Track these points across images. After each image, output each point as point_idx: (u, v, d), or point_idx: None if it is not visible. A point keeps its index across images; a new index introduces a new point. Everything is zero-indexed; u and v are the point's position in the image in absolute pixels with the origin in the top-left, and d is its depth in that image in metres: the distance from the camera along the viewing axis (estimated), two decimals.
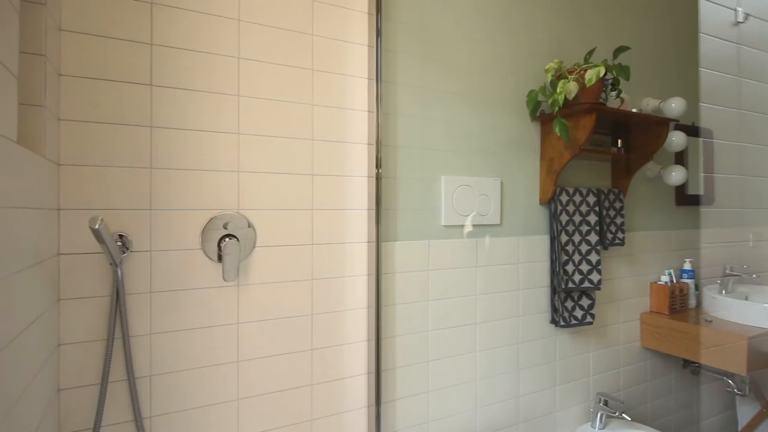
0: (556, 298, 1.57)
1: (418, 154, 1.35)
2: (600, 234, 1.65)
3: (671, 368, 2.00)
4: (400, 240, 1.30)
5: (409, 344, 1.31)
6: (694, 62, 2.05)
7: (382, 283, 1.26)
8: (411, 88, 1.33)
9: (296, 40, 1.17)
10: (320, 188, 1.19)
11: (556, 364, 1.63)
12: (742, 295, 2.07)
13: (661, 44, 1.95)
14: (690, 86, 2.04)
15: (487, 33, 1.47)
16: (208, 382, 1.06)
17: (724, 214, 2.20)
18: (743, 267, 2.28)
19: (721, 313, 1.83)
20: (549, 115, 1.52)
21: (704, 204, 2.12)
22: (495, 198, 1.49)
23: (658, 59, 1.94)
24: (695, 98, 2.06)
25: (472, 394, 1.43)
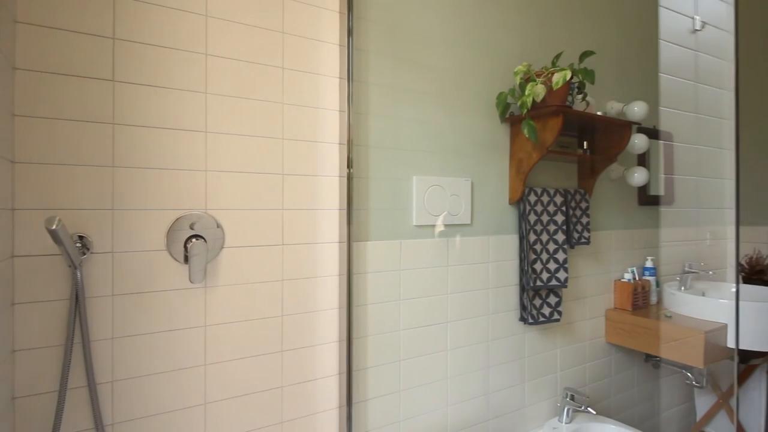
0: (525, 296, 1.61)
1: (389, 154, 1.35)
2: (567, 233, 1.70)
3: (634, 362, 2.08)
4: (372, 240, 1.31)
5: (380, 344, 1.32)
6: (655, 68, 2.14)
7: (354, 284, 1.26)
8: (382, 87, 1.34)
9: (266, 37, 1.15)
10: (291, 188, 1.18)
11: (525, 360, 1.66)
12: (700, 291, 2.17)
13: (624, 50, 2.02)
14: (651, 91, 2.13)
15: (457, 35, 1.49)
16: (174, 386, 1.03)
17: (683, 214, 2.30)
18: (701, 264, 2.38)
19: (680, 309, 1.91)
20: (518, 116, 1.55)
21: (664, 204, 2.21)
22: (466, 198, 1.51)
23: (621, 64, 2.01)
24: (655, 102, 2.15)
25: (443, 393, 1.45)
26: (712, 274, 2.21)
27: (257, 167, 1.14)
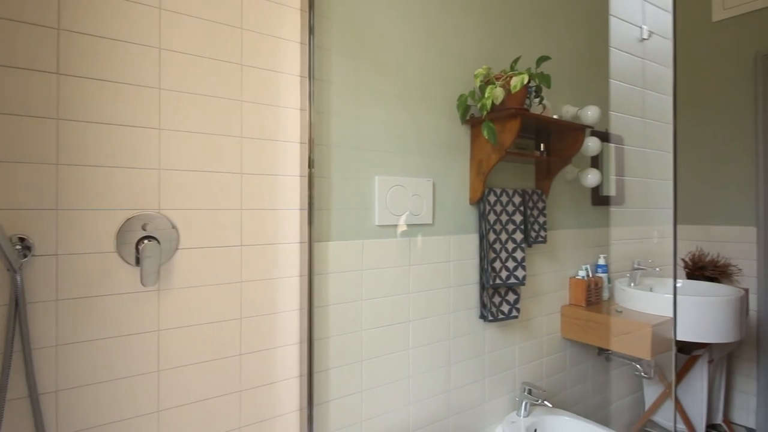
0: (485, 294, 1.64)
1: (351, 153, 1.35)
2: (525, 232, 1.75)
3: (588, 356, 2.17)
4: (334, 240, 1.30)
5: (342, 344, 1.31)
6: (606, 74, 2.24)
7: (315, 284, 1.24)
8: (344, 87, 1.33)
9: (224, 32, 1.12)
10: (250, 187, 1.16)
11: (485, 357, 1.70)
12: (648, 287, 2.29)
13: (578, 56, 2.10)
14: (602, 96, 2.22)
15: (420, 36, 1.51)
16: (124, 394, 0.99)
17: (633, 214, 2.42)
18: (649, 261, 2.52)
19: (629, 304, 2.01)
20: (478, 118, 1.58)
21: (616, 204, 2.31)
22: (427, 198, 1.52)
23: (575, 70, 2.09)
24: (606, 107, 2.25)
25: (405, 391, 1.46)
26: (658, 271, 2.34)
27: (215, 166, 1.11)
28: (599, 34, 2.20)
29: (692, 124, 2.73)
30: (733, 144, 2.56)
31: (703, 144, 2.69)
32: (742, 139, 2.53)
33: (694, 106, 2.72)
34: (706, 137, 2.67)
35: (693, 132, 2.73)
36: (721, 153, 2.61)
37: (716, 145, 2.63)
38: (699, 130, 2.70)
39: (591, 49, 2.16)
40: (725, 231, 2.60)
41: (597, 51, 2.19)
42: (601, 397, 2.24)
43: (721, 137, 2.61)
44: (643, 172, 2.49)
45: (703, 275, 2.50)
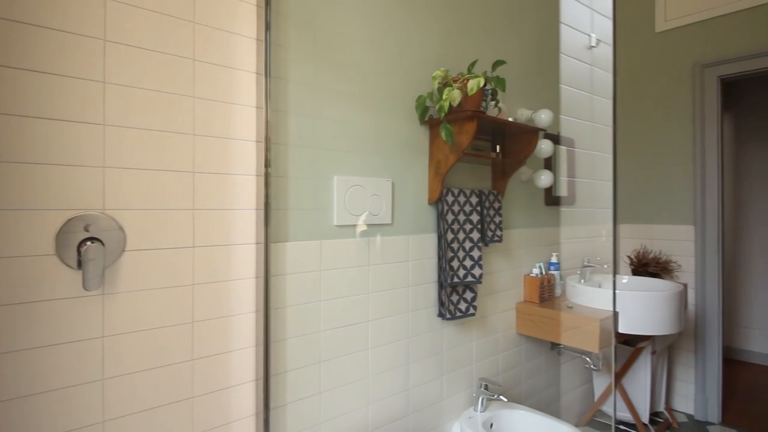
0: (443, 292, 1.67)
1: (309, 153, 1.33)
2: (481, 232, 1.79)
3: (541, 351, 2.25)
4: (291, 240, 1.28)
5: (300, 346, 1.29)
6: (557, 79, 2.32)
7: (272, 286, 1.22)
8: (303, 85, 1.31)
9: (174, 26, 1.08)
10: (203, 187, 1.12)
11: (443, 355, 1.73)
12: (596, 283, 2.40)
13: (532, 61, 2.17)
14: (554, 100, 2.31)
15: (379, 37, 1.51)
16: (65, 405, 0.93)
17: (583, 213, 2.53)
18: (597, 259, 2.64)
19: (580, 300, 2.10)
20: (436, 120, 1.60)
21: (567, 204, 2.41)
22: (386, 198, 1.53)
23: (529, 74, 2.15)
24: (557, 111, 2.34)
25: (364, 391, 1.46)
26: (606, 268, 2.46)
27: (165, 164, 1.06)
28: (551, 41, 2.28)
29: (637, 130, 2.89)
30: (674, 148, 2.73)
31: (647, 148, 2.85)
32: (682, 144, 2.70)
33: (639, 112, 2.88)
34: (650, 142, 2.83)
35: (637, 136, 2.88)
36: (663, 157, 2.77)
37: (659, 149, 2.79)
38: (643, 135, 2.86)
39: (543, 54, 2.24)
40: (667, 229, 2.76)
41: (549, 57, 2.27)
42: (553, 390, 2.33)
43: (663, 142, 2.77)
44: (592, 173, 2.61)
45: (646, 271, 2.65)
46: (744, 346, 3.69)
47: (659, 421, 2.56)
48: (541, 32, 2.22)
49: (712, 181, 2.57)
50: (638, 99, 2.88)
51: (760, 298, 3.62)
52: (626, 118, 2.93)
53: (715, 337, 2.57)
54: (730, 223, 3.79)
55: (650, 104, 2.83)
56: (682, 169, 2.70)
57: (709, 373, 2.60)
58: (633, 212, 2.91)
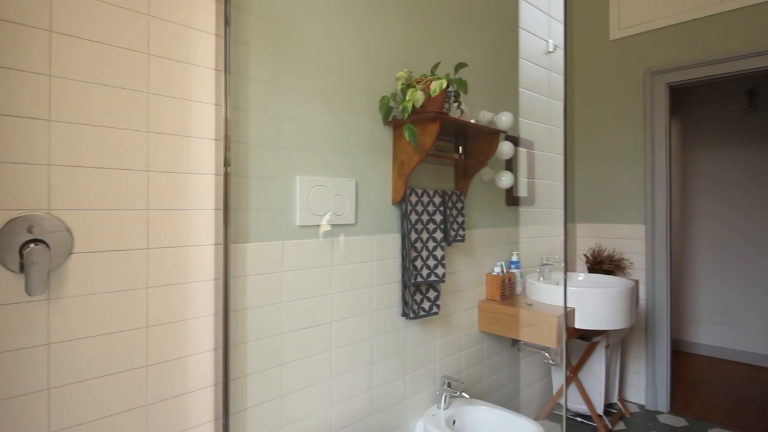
0: (407, 292, 1.68)
1: (271, 152, 1.31)
2: (444, 231, 1.81)
3: (503, 347, 2.30)
4: (252, 241, 1.25)
5: (261, 349, 1.27)
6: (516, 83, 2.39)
7: (231, 288, 1.19)
8: (264, 83, 1.29)
9: (128, 17, 1.04)
10: (158, 186, 1.08)
11: (406, 354, 1.74)
12: (555, 280, 2.48)
13: (494, 65, 2.22)
14: (515, 103, 2.37)
15: (343, 37, 1.50)
16: (7, 417, 0.88)
17: (542, 213, 2.61)
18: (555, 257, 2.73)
19: (539, 297, 2.16)
20: (400, 120, 1.61)
21: (527, 204, 2.48)
22: (350, 198, 1.52)
23: (491, 77, 2.20)
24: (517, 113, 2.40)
25: (327, 393, 1.45)
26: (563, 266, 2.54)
27: (117, 162, 1.02)
28: (510, 46, 2.34)
29: (593, 133, 3.00)
30: (627, 151, 2.86)
31: (602, 151, 2.97)
32: (634, 147, 2.83)
33: (595, 116, 3.00)
34: (605, 145, 2.95)
35: (593, 139, 3.00)
36: (617, 159, 2.90)
37: (613, 151, 2.92)
38: (598, 138, 2.98)
39: (504, 59, 2.30)
40: (620, 229, 2.89)
41: (509, 61, 2.33)
42: (514, 385, 2.39)
43: (617, 145, 2.90)
44: (551, 174, 2.70)
45: (601, 269, 2.77)
46: (691, 339, 3.91)
47: (613, 412, 2.68)
48: (501, 37, 2.28)
49: (660, 183, 2.71)
50: (594, 103, 3.00)
51: (706, 292, 3.85)
52: (583, 121, 3.05)
53: (663, 331, 2.71)
54: (678, 223, 4.01)
55: (605, 109, 2.95)
56: (634, 171, 2.83)
57: (658, 365, 2.74)
58: (589, 212, 3.03)
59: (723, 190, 3.78)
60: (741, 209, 3.70)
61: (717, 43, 2.51)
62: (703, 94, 3.88)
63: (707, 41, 2.54)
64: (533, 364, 2.54)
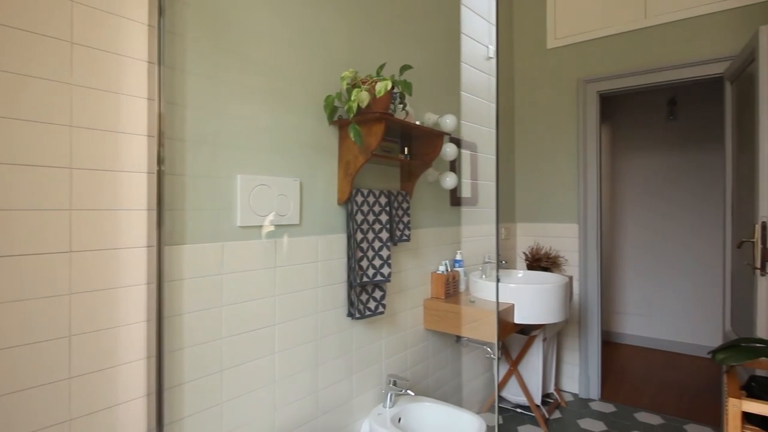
0: (352, 292, 1.68)
1: (210, 150, 1.26)
2: (390, 231, 1.83)
3: (447, 344, 2.36)
4: (189, 243, 1.20)
5: (198, 356, 1.22)
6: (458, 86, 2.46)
7: (166, 292, 1.13)
8: (202, 78, 1.24)
9: (48, 1, 0.95)
10: (82, 184, 1.00)
11: (353, 354, 1.74)
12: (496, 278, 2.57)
13: (438, 68, 2.27)
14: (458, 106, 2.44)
15: (287, 34, 1.47)
16: None
17: (485, 213, 2.70)
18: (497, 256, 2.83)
19: (481, 294, 2.24)
20: (345, 120, 1.60)
21: (470, 205, 2.56)
22: (294, 198, 1.50)
23: (435, 80, 2.25)
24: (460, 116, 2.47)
25: (270, 397, 1.42)
26: (504, 264, 2.65)
27: (34, 159, 0.93)
28: (453, 50, 2.40)
29: (531, 137, 3.15)
30: (562, 155, 3.02)
31: (541, 154, 3.12)
32: (569, 150, 3.00)
33: (533, 121, 3.14)
34: (543, 148, 3.11)
35: (532, 143, 3.15)
36: (554, 162, 3.06)
37: (550, 155, 3.07)
38: (536, 142, 3.13)
39: (447, 62, 2.35)
40: (556, 228, 3.05)
41: (452, 65, 2.39)
42: (458, 381, 2.46)
43: (554, 149, 3.06)
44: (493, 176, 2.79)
45: (539, 266, 2.91)
46: (619, 330, 4.20)
47: (550, 402, 2.83)
48: (444, 41, 2.33)
49: (592, 185, 2.89)
50: (533, 109, 3.15)
51: (632, 287, 4.15)
52: (523, 125, 3.18)
53: (595, 323, 2.89)
54: (608, 222, 4.30)
55: (543, 114, 3.10)
56: (569, 173, 3.00)
57: (590, 356, 2.92)
58: (529, 212, 3.17)
59: (647, 192, 4.10)
60: (662, 210, 4.02)
61: (642, 55, 2.71)
62: (631, 103, 4.18)
63: (633, 53, 2.74)
64: (476, 359, 2.62)
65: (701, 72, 2.52)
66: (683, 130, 3.93)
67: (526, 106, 3.17)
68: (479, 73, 2.62)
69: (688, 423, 2.58)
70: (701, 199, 3.84)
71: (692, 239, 3.88)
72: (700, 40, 2.52)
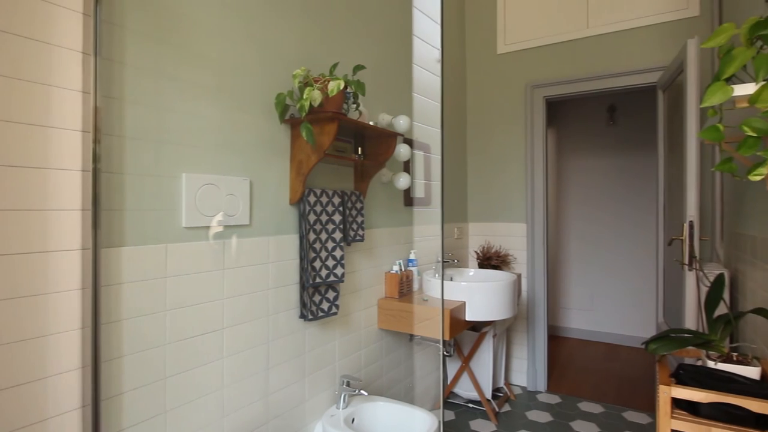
0: (305, 293, 1.66)
1: (153, 147, 1.20)
2: (344, 231, 1.82)
3: (401, 343, 2.38)
4: (129, 245, 1.14)
5: (140, 363, 1.16)
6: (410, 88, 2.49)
7: (103, 297, 1.07)
8: (144, 71, 1.18)
9: None
10: (5, 182, 0.93)
11: (305, 356, 1.71)
12: (449, 276, 2.62)
13: (391, 69, 2.29)
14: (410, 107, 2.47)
15: (238, 29, 1.43)
16: None
17: (438, 213, 2.74)
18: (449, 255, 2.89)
19: (434, 293, 2.27)
20: (297, 119, 1.58)
21: (424, 205, 2.59)
22: (244, 198, 1.46)
23: (389, 81, 2.26)
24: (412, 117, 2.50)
25: (218, 403, 1.37)
26: (457, 263, 2.70)
27: None
28: (406, 52, 2.43)
29: (482, 139, 3.24)
30: (512, 156, 3.13)
31: (491, 156, 3.21)
32: (517, 153, 3.11)
33: (484, 124, 3.23)
34: (493, 150, 3.20)
35: (483, 145, 3.24)
36: (504, 163, 3.16)
37: (501, 156, 3.17)
38: (487, 144, 3.22)
39: (400, 64, 2.37)
40: (506, 227, 3.16)
41: (404, 66, 2.41)
42: (412, 379, 2.49)
43: (504, 151, 3.16)
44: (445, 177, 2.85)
45: (490, 264, 2.99)
46: (564, 324, 4.41)
47: (500, 396, 2.92)
48: (398, 42, 2.35)
49: (539, 186, 3.01)
50: (484, 112, 3.24)
51: (576, 283, 4.37)
52: (475, 128, 3.27)
53: (542, 318, 3.02)
54: (554, 221, 4.50)
55: (494, 117, 3.20)
56: (517, 174, 3.11)
57: (537, 350, 3.04)
58: (480, 212, 3.26)
59: (590, 193, 4.32)
60: (603, 210, 4.26)
61: (584, 63, 2.85)
62: (575, 108, 4.39)
63: (576, 61, 2.88)
64: (429, 357, 2.66)
65: (637, 81, 2.69)
66: (622, 134, 4.18)
67: (478, 108, 3.26)
68: (431, 75, 2.66)
69: (626, 410, 2.74)
70: (639, 200, 4.10)
71: (631, 237, 4.13)
72: (636, 51, 2.69)
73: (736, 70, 1.11)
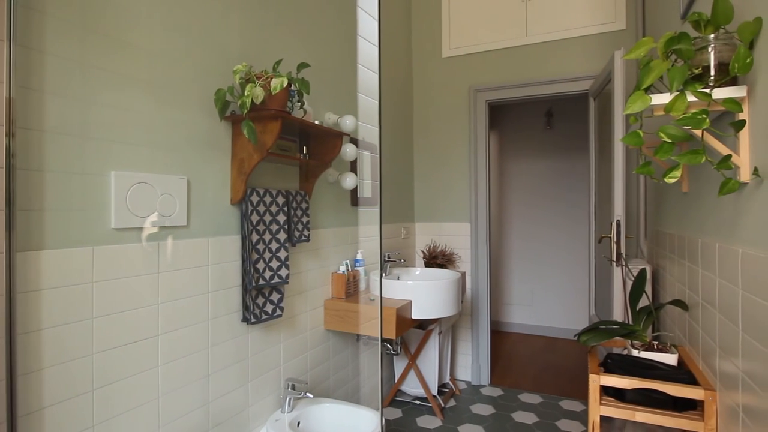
0: (248, 296, 1.61)
1: (77, 143, 1.12)
2: (288, 232, 1.79)
3: (348, 344, 2.37)
4: (50, 248, 1.05)
5: (62, 375, 1.07)
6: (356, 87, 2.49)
7: (19, 305, 0.98)
8: (68, 62, 1.09)
9: None
10: None
11: (248, 360, 1.67)
12: (396, 276, 2.65)
13: (338, 68, 2.28)
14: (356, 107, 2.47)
15: (174, 20, 1.36)
16: None
17: (385, 213, 2.76)
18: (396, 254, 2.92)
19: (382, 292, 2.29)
20: (239, 116, 1.53)
21: (371, 205, 2.60)
22: (180, 197, 1.39)
23: (335, 80, 2.25)
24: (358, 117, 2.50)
25: (153, 414, 1.30)
26: (404, 262, 2.74)
27: None
28: (351, 51, 2.43)
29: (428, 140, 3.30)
30: (456, 158, 3.21)
31: (436, 156, 3.28)
32: (461, 154, 3.20)
33: (430, 126, 3.30)
34: (438, 151, 3.27)
35: (428, 146, 3.30)
36: (449, 164, 3.24)
37: (446, 158, 3.25)
38: (433, 145, 3.29)
39: (345, 63, 2.37)
40: (451, 226, 3.24)
41: (350, 66, 2.41)
42: (359, 379, 2.49)
43: (449, 152, 3.24)
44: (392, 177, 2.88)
45: (435, 263, 3.06)
46: (506, 319, 4.59)
47: (446, 391, 2.99)
48: (342, 42, 2.34)
49: (482, 186, 3.11)
50: (430, 114, 3.30)
51: (517, 279, 4.56)
52: (420, 129, 3.32)
53: (485, 315, 3.12)
54: (496, 221, 4.67)
55: (439, 119, 3.27)
56: (461, 175, 3.20)
57: (481, 345, 3.14)
58: (426, 211, 3.32)
59: (530, 194, 4.53)
60: (542, 210, 4.48)
61: (523, 69, 2.99)
62: (516, 112, 4.59)
63: (516, 67, 3.01)
64: (376, 357, 2.67)
65: (571, 88, 2.85)
66: (558, 138, 4.41)
67: (424, 110, 3.32)
68: (376, 76, 2.68)
69: (563, 399, 2.90)
70: (575, 200, 4.35)
71: (568, 235, 4.37)
72: (570, 60, 2.85)
73: (653, 81, 1.20)
